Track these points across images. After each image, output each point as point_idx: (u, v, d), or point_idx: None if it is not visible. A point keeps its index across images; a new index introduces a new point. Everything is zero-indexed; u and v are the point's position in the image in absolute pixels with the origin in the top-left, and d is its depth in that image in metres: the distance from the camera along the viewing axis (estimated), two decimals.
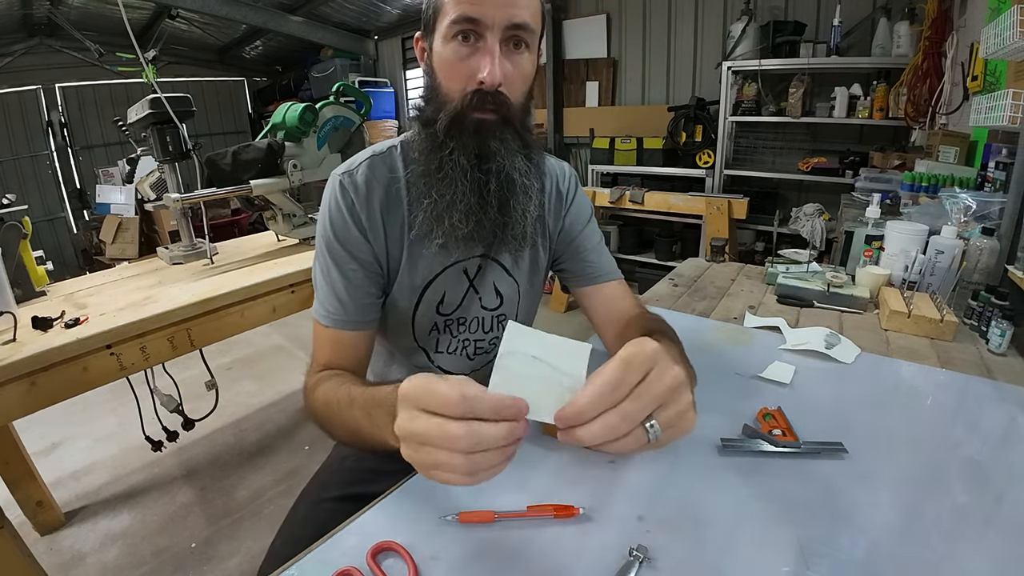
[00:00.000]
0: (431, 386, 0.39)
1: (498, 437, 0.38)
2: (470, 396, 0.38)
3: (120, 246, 4.21)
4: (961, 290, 1.10)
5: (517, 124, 0.66)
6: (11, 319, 1.05)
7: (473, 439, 0.38)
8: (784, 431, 0.67)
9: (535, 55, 0.67)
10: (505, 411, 0.38)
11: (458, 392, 0.38)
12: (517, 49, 0.63)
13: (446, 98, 0.64)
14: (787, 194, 3.16)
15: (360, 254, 0.70)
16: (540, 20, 0.66)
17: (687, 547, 0.50)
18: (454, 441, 0.38)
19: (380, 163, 0.73)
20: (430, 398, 0.39)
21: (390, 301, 0.76)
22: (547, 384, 0.40)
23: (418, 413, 0.40)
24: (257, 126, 5.99)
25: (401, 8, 4.57)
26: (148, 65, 2.02)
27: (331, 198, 0.71)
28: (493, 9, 0.60)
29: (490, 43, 0.60)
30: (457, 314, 0.79)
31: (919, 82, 2.12)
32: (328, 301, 0.71)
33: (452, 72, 0.63)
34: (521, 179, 0.68)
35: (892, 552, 0.49)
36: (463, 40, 0.61)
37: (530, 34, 0.63)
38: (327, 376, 0.67)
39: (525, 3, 0.62)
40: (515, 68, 0.63)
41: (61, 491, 1.76)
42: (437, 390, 0.39)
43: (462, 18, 0.60)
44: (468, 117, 0.63)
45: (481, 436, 0.38)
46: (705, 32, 3.27)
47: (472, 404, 0.38)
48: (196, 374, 1.70)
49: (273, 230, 1.71)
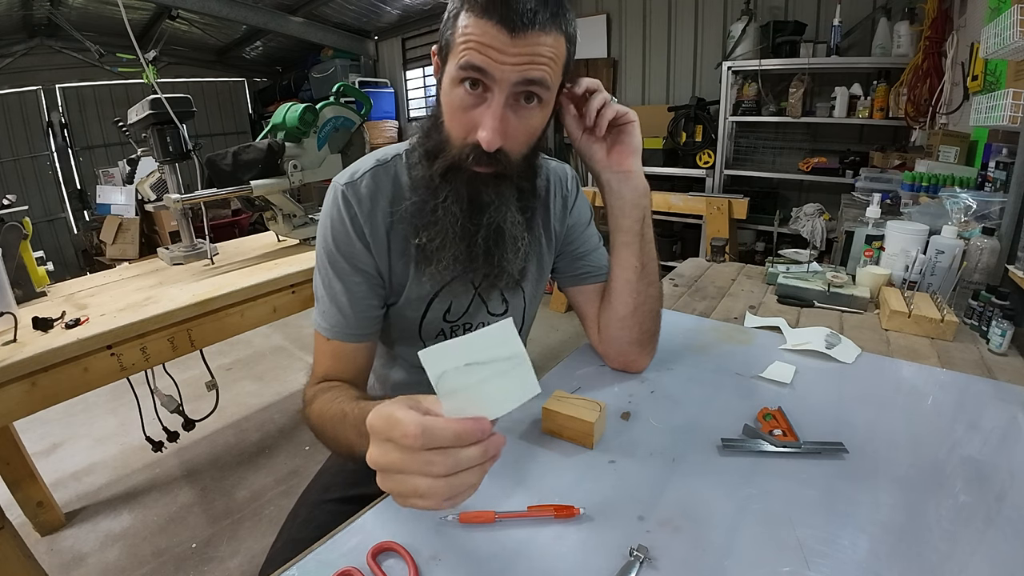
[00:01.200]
0: (394, 418, 0.38)
1: (474, 457, 0.38)
2: (430, 428, 0.37)
3: (120, 247, 4.21)
4: (961, 290, 1.10)
5: (514, 177, 0.64)
6: (11, 320, 1.05)
7: (451, 461, 0.37)
8: (784, 431, 0.67)
9: (548, 109, 0.63)
10: (468, 436, 0.37)
11: (418, 426, 0.36)
12: (528, 103, 0.59)
13: (446, 139, 0.62)
14: (787, 194, 3.15)
15: (362, 266, 0.69)
16: (561, 69, 0.60)
17: (688, 547, 0.50)
18: (431, 467, 0.37)
19: (383, 174, 0.71)
20: (394, 433, 0.38)
21: (397, 311, 0.75)
22: (496, 379, 0.39)
23: (389, 445, 0.39)
24: (257, 127, 6.00)
25: (401, 8, 4.56)
26: (148, 66, 2.03)
27: (333, 208, 0.69)
28: (504, 64, 0.54)
29: (496, 100, 0.56)
30: (463, 320, 0.79)
31: (919, 82, 2.12)
32: (329, 313, 0.70)
33: (454, 119, 0.60)
34: (511, 231, 0.66)
35: (893, 552, 0.49)
36: (470, 87, 0.57)
37: (544, 89, 0.58)
38: (324, 389, 0.66)
39: (545, 60, 0.56)
40: (520, 124, 0.59)
41: (62, 491, 1.76)
42: (399, 423, 0.37)
43: (469, 65, 0.55)
44: (465, 169, 0.61)
45: (459, 458, 0.37)
46: (705, 32, 3.27)
47: (433, 436, 0.37)
48: (197, 374, 1.70)
49: (273, 230, 1.71)
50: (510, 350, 0.39)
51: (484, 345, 0.38)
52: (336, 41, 5.00)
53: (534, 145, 0.65)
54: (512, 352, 0.39)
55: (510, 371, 0.39)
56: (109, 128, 4.82)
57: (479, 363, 0.38)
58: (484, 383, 0.38)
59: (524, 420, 0.72)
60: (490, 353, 0.38)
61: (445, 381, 0.38)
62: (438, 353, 0.37)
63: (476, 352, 0.38)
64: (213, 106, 5.79)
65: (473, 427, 0.37)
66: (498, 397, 0.39)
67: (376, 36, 5.20)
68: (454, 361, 0.38)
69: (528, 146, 0.64)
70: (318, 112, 1.60)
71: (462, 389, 0.38)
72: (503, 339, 0.38)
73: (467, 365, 0.38)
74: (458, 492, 0.38)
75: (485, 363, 0.38)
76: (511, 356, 0.39)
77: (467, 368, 0.38)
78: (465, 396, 0.38)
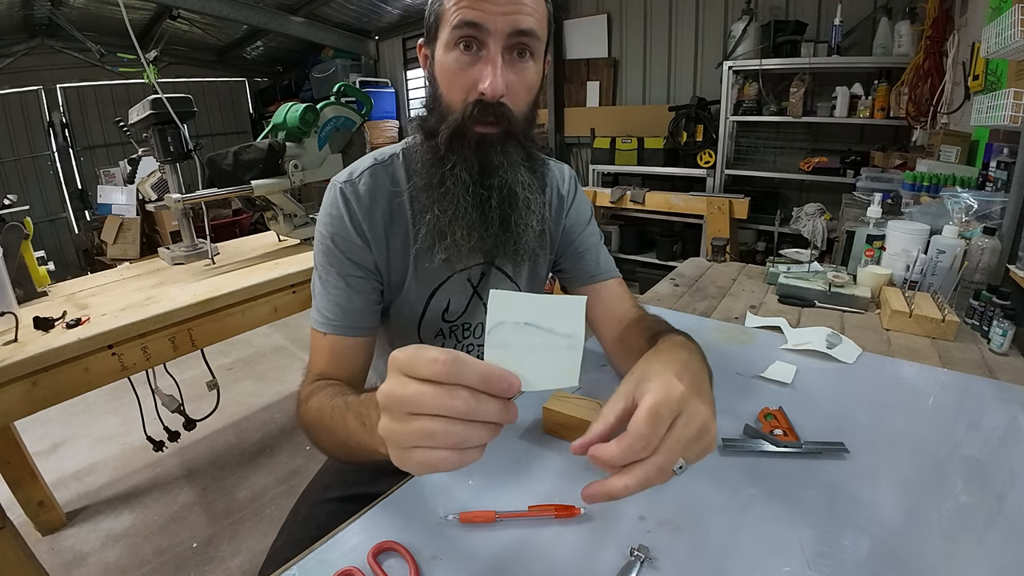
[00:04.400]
0: (422, 350, 0.36)
1: (492, 412, 0.35)
2: (461, 359, 0.35)
3: (121, 246, 4.22)
4: (962, 290, 1.10)
5: (520, 136, 0.65)
6: (12, 319, 1.06)
7: (469, 404, 0.34)
8: (785, 431, 0.67)
9: (541, 64, 0.65)
10: (494, 382, 0.35)
11: (449, 354, 0.35)
12: (521, 58, 0.61)
13: (447, 108, 0.63)
14: (788, 194, 3.15)
15: (361, 261, 0.69)
16: (547, 27, 0.63)
17: (688, 547, 0.50)
18: (449, 404, 0.34)
19: (382, 172, 0.71)
20: (420, 361, 0.35)
21: (396, 310, 0.75)
22: (545, 352, 0.37)
23: (408, 379, 0.36)
24: (258, 126, 6.00)
25: (402, 8, 4.57)
26: (149, 66, 2.03)
27: (331, 206, 0.69)
28: (496, 14, 0.57)
29: (492, 52, 0.58)
30: (462, 320, 0.79)
31: (920, 81, 2.12)
32: (326, 307, 0.69)
33: (453, 81, 0.61)
34: (524, 193, 0.66)
35: (894, 552, 0.49)
36: (464, 48, 0.59)
37: (536, 41, 0.60)
38: (322, 386, 0.64)
39: (531, 9, 0.59)
40: (518, 78, 0.61)
41: (62, 491, 1.76)
42: (428, 352, 0.35)
43: (463, 23, 0.57)
44: (470, 130, 0.62)
45: (479, 404, 0.35)
46: (706, 32, 3.26)
47: (462, 367, 0.35)
48: (197, 374, 1.71)
49: (274, 230, 1.71)
50: (571, 329, 0.37)
51: (551, 311, 0.37)
52: (337, 41, 5.00)
53: (532, 103, 0.66)
54: (572, 331, 0.37)
55: (561, 350, 0.37)
56: (110, 128, 4.83)
57: (538, 328, 0.37)
58: (532, 350, 0.37)
59: (524, 420, 0.72)
60: (552, 322, 0.37)
61: (499, 332, 0.37)
62: (507, 299, 0.36)
63: (540, 315, 0.37)
64: (214, 106, 5.79)
65: (502, 377, 0.35)
66: (539, 370, 0.37)
67: (377, 36, 5.19)
68: (517, 314, 0.37)
69: (527, 103, 0.65)
70: (319, 112, 1.60)
71: (510, 346, 0.37)
72: (570, 315, 0.37)
73: (526, 324, 0.37)
74: (468, 445, 0.36)
75: (543, 330, 0.37)
76: (570, 335, 0.37)
77: (524, 328, 0.37)
78: (509, 354, 0.37)
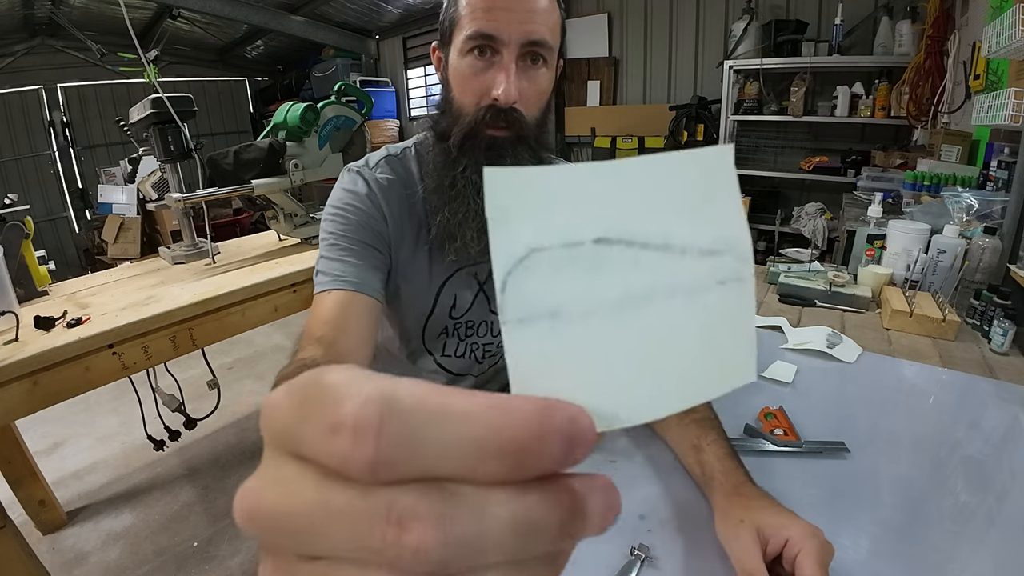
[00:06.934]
0: (323, 384, 0.13)
1: (541, 522, 0.13)
2: (412, 401, 0.12)
3: (122, 246, 4.22)
4: (963, 289, 1.09)
5: (531, 141, 0.65)
6: (13, 319, 1.06)
7: (469, 516, 0.12)
8: (786, 431, 0.67)
9: (552, 71, 0.66)
10: (530, 441, 0.12)
11: (377, 397, 0.12)
12: (534, 64, 0.63)
13: (460, 112, 0.64)
14: (789, 193, 3.15)
15: (378, 231, 0.68)
16: (559, 35, 0.64)
17: (689, 546, 0.50)
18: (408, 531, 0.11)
19: (397, 162, 0.73)
20: (315, 415, 0.12)
21: (405, 305, 0.75)
22: (657, 307, 0.15)
23: (295, 463, 0.13)
24: (259, 126, 5.99)
25: (402, 7, 4.57)
26: (150, 65, 2.03)
27: (349, 183, 0.70)
28: (510, 25, 0.59)
29: (506, 59, 0.60)
30: (466, 318, 0.79)
31: (921, 81, 2.11)
32: (334, 267, 0.64)
33: (467, 86, 0.62)
34: None
35: (894, 551, 0.49)
36: (479, 55, 0.61)
37: (547, 50, 0.62)
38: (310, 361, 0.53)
39: (543, 19, 0.61)
40: (531, 84, 0.63)
41: (63, 490, 1.76)
42: (331, 392, 0.12)
43: (478, 34, 0.59)
44: (481, 133, 0.63)
45: (493, 511, 0.12)
46: (707, 31, 3.26)
47: (422, 424, 0.12)
48: (198, 373, 1.71)
49: (275, 230, 1.71)
50: (725, 233, 0.15)
51: (660, 190, 0.15)
52: (337, 40, 5.00)
53: (544, 108, 0.67)
54: (728, 240, 0.15)
55: (707, 298, 0.15)
56: (110, 127, 4.81)
57: (630, 246, 0.15)
58: (626, 318, 0.15)
59: None
60: (670, 222, 0.15)
61: (521, 283, 0.14)
62: (529, 180, 0.14)
63: (631, 206, 0.15)
64: (214, 105, 5.78)
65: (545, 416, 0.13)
66: (654, 370, 0.16)
67: (377, 35, 5.20)
68: (569, 219, 0.15)
69: (539, 109, 0.66)
70: (319, 111, 1.60)
71: (565, 317, 0.15)
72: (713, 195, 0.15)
73: (597, 243, 0.14)
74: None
75: (648, 248, 0.15)
76: (722, 250, 0.15)
77: (597, 249, 0.15)
78: (561, 342, 0.15)
